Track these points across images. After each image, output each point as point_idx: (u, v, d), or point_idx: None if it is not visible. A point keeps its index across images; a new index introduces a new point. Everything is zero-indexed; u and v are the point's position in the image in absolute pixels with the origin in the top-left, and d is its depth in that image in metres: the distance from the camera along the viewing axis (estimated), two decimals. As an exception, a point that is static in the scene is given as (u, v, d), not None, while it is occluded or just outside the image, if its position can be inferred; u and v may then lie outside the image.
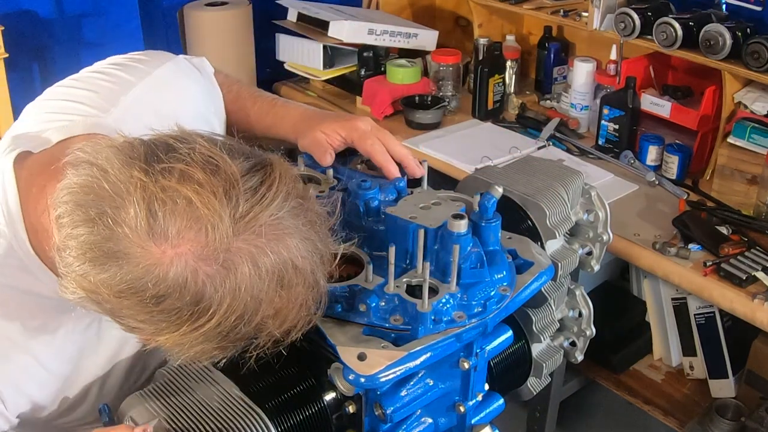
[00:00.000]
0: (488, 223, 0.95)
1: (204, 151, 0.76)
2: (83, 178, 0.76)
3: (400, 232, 0.96)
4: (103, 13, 2.59)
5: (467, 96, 2.59)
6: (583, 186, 1.16)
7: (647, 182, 2.10)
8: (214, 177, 0.74)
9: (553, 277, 1.07)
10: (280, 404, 0.92)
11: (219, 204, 0.73)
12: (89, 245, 0.74)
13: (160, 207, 0.72)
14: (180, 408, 0.88)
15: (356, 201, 0.99)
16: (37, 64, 2.55)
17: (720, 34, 1.95)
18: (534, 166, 1.19)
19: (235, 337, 0.78)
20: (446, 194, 1.04)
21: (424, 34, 2.66)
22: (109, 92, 1.02)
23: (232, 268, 0.74)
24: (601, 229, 1.15)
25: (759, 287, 1.70)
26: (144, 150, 0.76)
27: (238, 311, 0.75)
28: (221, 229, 0.73)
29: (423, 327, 0.87)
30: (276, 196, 0.76)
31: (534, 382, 1.19)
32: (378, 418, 0.93)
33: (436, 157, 2.25)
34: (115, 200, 0.73)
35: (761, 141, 1.92)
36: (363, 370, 0.84)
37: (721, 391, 2.21)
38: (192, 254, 0.73)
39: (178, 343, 0.77)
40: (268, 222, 0.75)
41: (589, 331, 1.19)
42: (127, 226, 0.72)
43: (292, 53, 2.70)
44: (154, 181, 0.73)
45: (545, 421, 2.30)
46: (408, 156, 1.10)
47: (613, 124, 2.25)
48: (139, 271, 0.73)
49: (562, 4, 2.43)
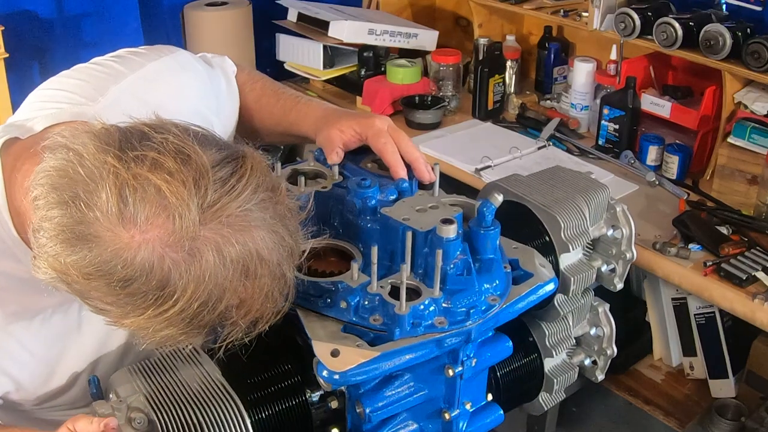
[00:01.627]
0: (485, 230, 0.94)
1: (177, 141, 0.77)
2: (59, 161, 0.77)
3: (391, 233, 0.96)
4: (103, 13, 2.59)
5: (467, 96, 2.59)
6: (609, 200, 1.12)
7: (647, 182, 2.10)
8: (184, 166, 0.75)
9: (563, 291, 1.05)
10: (258, 394, 0.93)
11: (188, 193, 0.75)
12: (62, 227, 0.76)
13: (131, 193, 0.74)
14: (161, 386, 0.89)
15: (353, 199, 0.99)
16: (37, 64, 2.55)
17: (720, 34, 1.95)
18: (559, 176, 1.17)
19: (199, 324, 0.79)
20: (449, 199, 1.03)
21: (424, 34, 2.66)
22: (100, 82, 1.03)
23: (197, 256, 0.75)
24: (625, 246, 1.11)
25: (759, 287, 1.70)
26: (119, 137, 0.78)
27: (201, 298, 0.76)
28: (188, 218, 0.74)
29: (400, 329, 0.87)
30: (245, 188, 0.78)
31: (546, 397, 1.17)
32: (359, 416, 0.93)
33: (436, 157, 2.25)
34: (88, 185, 0.75)
35: (761, 141, 1.92)
36: (335, 366, 0.85)
37: (721, 391, 2.21)
38: (159, 240, 0.75)
39: (143, 327, 0.79)
40: (236, 213, 0.77)
41: (610, 350, 1.16)
42: (98, 210, 0.74)
43: (292, 53, 2.70)
44: (126, 168, 0.75)
45: (545, 421, 2.30)
46: (419, 159, 1.09)
47: (613, 124, 2.25)
48: (107, 254, 0.75)
49: (562, 4, 2.43)
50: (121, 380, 0.91)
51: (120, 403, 0.85)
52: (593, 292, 1.15)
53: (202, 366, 0.91)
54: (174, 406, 0.86)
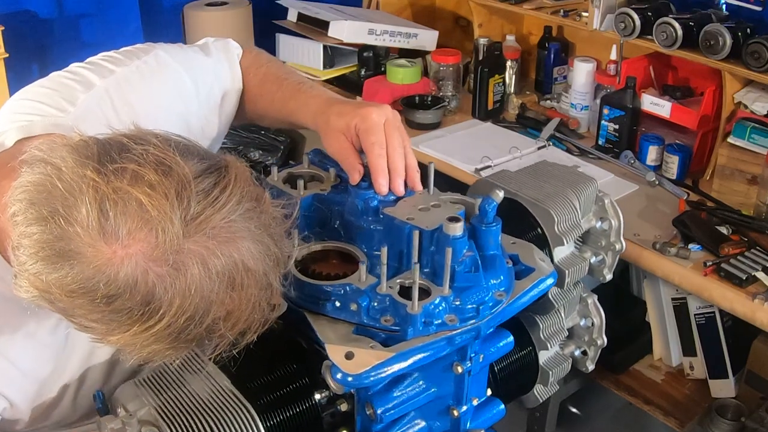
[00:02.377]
0: (488, 227, 0.94)
1: (157, 152, 0.76)
2: (37, 176, 0.76)
3: (396, 233, 0.96)
4: (103, 13, 2.59)
5: (467, 96, 2.58)
6: (597, 193, 1.14)
7: (647, 182, 2.10)
8: (166, 178, 0.74)
9: (558, 284, 1.06)
10: (269, 400, 0.92)
11: (170, 206, 0.73)
12: (41, 244, 0.74)
13: (111, 207, 0.72)
14: (171, 398, 0.88)
15: (355, 200, 0.99)
16: (37, 64, 2.55)
17: (720, 34, 1.95)
18: (548, 171, 1.18)
19: (187, 338, 0.78)
20: (448, 197, 1.04)
21: (424, 34, 2.66)
22: (69, 91, 1.01)
23: (182, 269, 0.74)
24: (614, 237, 1.13)
25: (759, 287, 1.70)
26: (98, 149, 0.76)
27: (188, 312, 0.75)
28: (171, 231, 0.73)
29: (412, 329, 0.87)
30: (229, 199, 0.76)
31: (541, 389, 1.18)
32: (369, 417, 0.93)
33: (436, 157, 2.25)
34: (67, 199, 0.73)
35: (761, 141, 1.92)
36: (350, 369, 0.84)
37: (721, 391, 2.20)
38: (142, 255, 0.73)
39: (130, 343, 0.77)
40: (220, 224, 0.75)
41: (600, 340, 1.18)
42: (78, 225, 0.72)
43: (292, 53, 2.70)
44: (106, 182, 0.73)
45: (545, 421, 2.30)
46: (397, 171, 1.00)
47: (613, 124, 2.25)
48: (90, 270, 0.73)
49: (562, 4, 2.43)
50: (127, 394, 0.89)
51: (130, 417, 0.84)
52: (582, 284, 1.15)
53: (209, 376, 0.90)
54: (186, 417, 0.85)
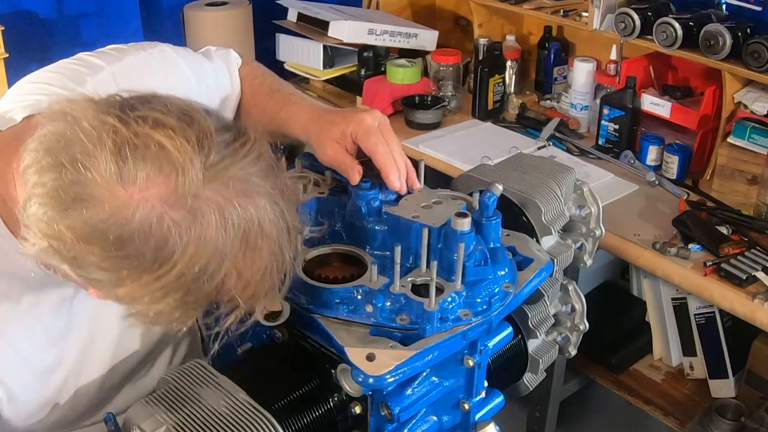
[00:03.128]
0: (489, 220, 0.95)
1: (180, 103, 0.75)
2: (56, 126, 0.74)
3: (403, 232, 0.96)
4: (103, 13, 2.59)
5: (467, 96, 2.59)
6: (576, 182, 1.16)
7: (647, 182, 2.10)
8: (189, 126, 0.73)
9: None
10: (287, 407, 0.91)
11: (192, 149, 0.72)
12: (55, 190, 0.72)
13: (131, 152, 0.71)
14: (188, 415, 0.85)
15: (357, 201, 0.99)
16: (37, 64, 2.52)
17: (720, 34, 1.95)
18: (527, 163, 1.20)
19: (197, 296, 0.76)
20: (445, 193, 1.04)
21: (424, 34, 2.66)
22: (77, 74, 1.02)
23: (198, 216, 0.73)
24: (594, 224, 1.16)
25: (759, 287, 1.70)
26: (120, 101, 0.76)
27: (201, 261, 0.73)
28: (191, 174, 0.72)
29: (430, 326, 0.87)
30: (249, 152, 0.76)
31: (530, 377, 1.19)
32: (384, 418, 0.93)
33: (436, 157, 2.25)
34: (86, 145, 0.72)
35: (761, 141, 1.92)
36: (372, 370, 0.84)
37: (721, 391, 2.21)
38: (159, 199, 0.72)
39: (138, 296, 0.75)
40: (239, 175, 0.74)
41: (582, 325, 1.20)
42: (95, 170, 0.71)
43: (292, 53, 2.70)
44: (127, 127, 0.72)
45: (545, 421, 2.30)
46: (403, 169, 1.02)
47: (613, 124, 2.25)
48: (104, 213, 0.71)
49: (562, 4, 2.43)
50: (140, 414, 0.86)
51: None
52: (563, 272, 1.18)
53: (222, 388, 0.88)
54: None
